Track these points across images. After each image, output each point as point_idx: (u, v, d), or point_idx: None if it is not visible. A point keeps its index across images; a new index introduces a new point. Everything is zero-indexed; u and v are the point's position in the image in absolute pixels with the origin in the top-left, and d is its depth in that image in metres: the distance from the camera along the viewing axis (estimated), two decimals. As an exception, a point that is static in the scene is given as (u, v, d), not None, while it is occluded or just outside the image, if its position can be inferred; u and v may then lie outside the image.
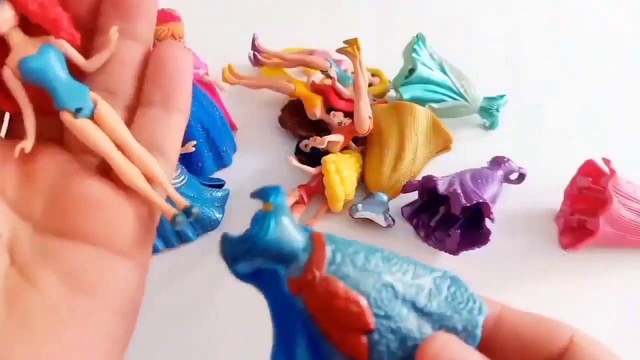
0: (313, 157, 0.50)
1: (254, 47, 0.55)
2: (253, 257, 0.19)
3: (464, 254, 0.44)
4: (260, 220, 0.19)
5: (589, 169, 0.48)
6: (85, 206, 0.21)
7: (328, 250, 0.19)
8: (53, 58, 0.20)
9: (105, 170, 0.22)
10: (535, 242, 0.48)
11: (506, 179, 0.49)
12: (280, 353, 0.20)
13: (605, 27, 0.71)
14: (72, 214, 0.20)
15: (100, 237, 0.21)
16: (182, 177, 0.44)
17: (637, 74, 0.64)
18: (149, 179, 0.22)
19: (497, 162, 0.49)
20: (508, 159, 0.49)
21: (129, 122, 0.22)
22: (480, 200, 0.42)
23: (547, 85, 0.62)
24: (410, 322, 0.19)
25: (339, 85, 0.51)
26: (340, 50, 0.48)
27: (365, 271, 0.19)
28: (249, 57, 0.55)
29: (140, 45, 0.22)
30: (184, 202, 0.22)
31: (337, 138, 0.49)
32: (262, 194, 0.19)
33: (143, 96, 0.22)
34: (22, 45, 0.19)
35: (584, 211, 0.47)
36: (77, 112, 0.20)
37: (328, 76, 0.51)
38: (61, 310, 0.19)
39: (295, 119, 0.54)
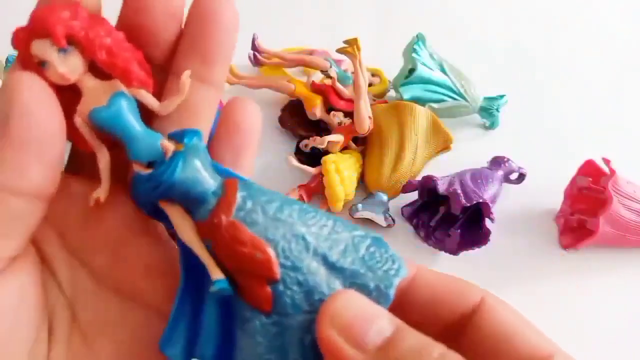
0: (313, 157, 0.50)
1: (254, 47, 0.55)
2: (160, 196, 0.18)
3: (464, 254, 0.44)
4: (169, 160, 0.18)
5: (589, 169, 0.48)
6: (145, 269, 0.20)
7: (239, 196, 0.18)
8: (125, 108, 0.19)
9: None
10: (535, 242, 0.48)
11: (506, 179, 0.49)
12: (187, 297, 0.19)
13: (605, 28, 0.71)
14: (132, 273, 0.20)
15: (152, 302, 0.20)
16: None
17: (637, 74, 0.64)
18: None
19: (497, 162, 0.49)
20: (508, 159, 0.49)
21: None
22: (480, 200, 0.42)
23: (547, 85, 0.62)
24: (319, 276, 0.18)
25: (339, 85, 0.51)
26: (340, 50, 0.48)
27: (277, 220, 0.18)
28: (249, 57, 0.55)
29: (215, 91, 0.21)
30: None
31: (337, 138, 0.49)
32: (176, 135, 0.19)
33: (212, 153, 0.21)
34: (93, 91, 0.18)
35: (584, 211, 0.47)
36: (149, 165, 0.19)
37: (328, 76, 0.51)
38: None
39: (295, 119, 0.54)
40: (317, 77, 0.53)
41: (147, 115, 0.20)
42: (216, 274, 0.18)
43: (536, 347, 0.18)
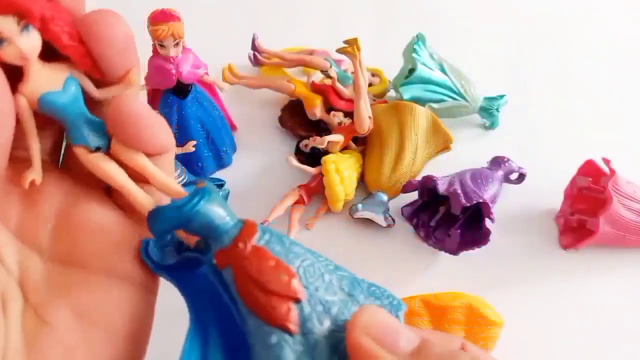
0: (313, 157, 0.50)
1: (254, 47, 0.55)
2: (181, 226, 0.19)
3: (464, 254, 0.44)
4: (192, 194, 0.19)
5: (589, 169, 0.48)
6: (91, 233, 0.20)
7: (259, 228, 0.19)
8: (77, 94, 0.19)
9: (108, 193, 0.22)
10: (535, 242, 0.48)
11: (506, 179, 0.49)
12: (196, 336, 0.19)
13: (606, 28, 0.71)
14: (78, 242, 0.20)
15: (107, 265, 0.20)
16: (182, 177, 0.44)
17: (637, 75, 0.64)
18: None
19: (497, 162, 0.49)
20: (508, 159, 0.49)
21: None
22: (480, 200, 0.42)
23: (547, 85, 0.62)
24: (340, 298, 0.19)
25: (339, 85, 0.51)
26: (340, 50, 0.48)
27: (293, 252, 0.19)
28: (249, 57, 0.55)
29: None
30: (181, 192, 0.21)
31: (337, 138, 0.49)
32: (196, 181, 0.19)
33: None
34: (42, 74, 0.18)
35: (584, 211, 0.47)
36: (96, 150, 0.19)
37: (328, 76, 0.51)
38: (77, 348, 0.19)
39: (295, 119, 0.54)
40: (317, 77, 0.53)
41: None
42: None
43: None
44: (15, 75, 0.18)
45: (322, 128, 0.53)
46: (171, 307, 0.43)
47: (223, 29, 0.65)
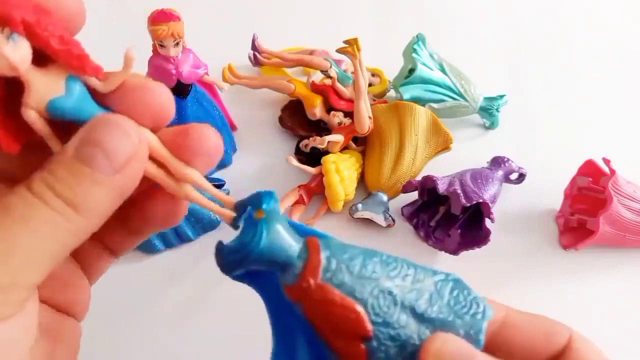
0: (313, 157, 0.50)
1: (254, 47, 0.55)
2: (247, 266, 0.19)
3: (464, 254, 0.44)
4: (252, 228, 0.18)
5: (589, 169, 0.48)
6: None
7: (323, 257, 0.19)
8: (82, 92, 0.18)
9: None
10: (535, 242, 0.48)
11: (506, 179, 0.49)
12: (282, 354, 0.19)
13: (606, 28, 0.71)
14: None
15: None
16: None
17: (637, 74, 0.64)
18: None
19: (497, 162, 0.49)
20: (508, 159, 0.49)
21: None
22: (480, 200, 0.42)
23: (547, 86, 0.62)
24: (410, 329, 0.18)
25: (339, 85, 0.51)
26: (340, 50, 0.48)
27: (362, 278, 0.18)
28: (249, 57, 0.55)
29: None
30: (231, 199, 0.21)
31: (337, 138, 0.49)
32: (254, 201, 0.19)
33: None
34: (39, 82, 0.17)
35: (584, 211, 0.47)
36: None
37: (328, 76, 0.51)
38: None
39: (295, 119, 0.54)
40: (317, 77, 0.53)
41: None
42: (230, 214, 0.19)
43: None
44: (19, 86, 0.17)
45: (322, 128, 0.53)
46: (171, 306, 0.43)
47: (223, 29, 0.65)
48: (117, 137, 0.18)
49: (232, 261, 0.19)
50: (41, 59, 0.17)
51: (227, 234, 0.20)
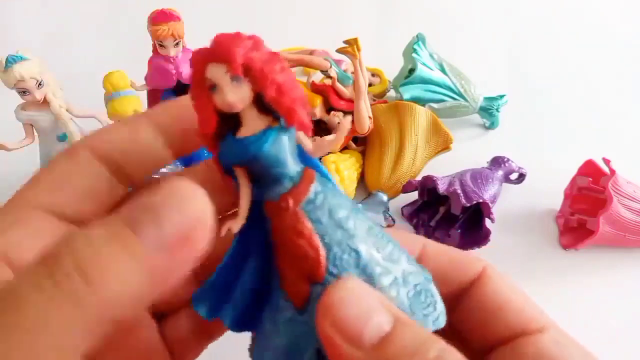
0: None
1: (254, 47, 0.55)
2: (241, 163, 0.18)
3: (464, 254, 0.44)
4: (264, 132, 0.18)
5: (589, 169, 0.48)
6: None
7: (312, 189, 0.18)
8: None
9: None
10: (535, 242, 0.48)
11: (506, 179, 0.49)
12: (229, 268, 0.19)
13: (606, 28, 0.71)
14: None
15: None
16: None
17: (637, 75, 0.64)
18: None
19: (497, 162, 0.49)
20: (508, 159, 0.49)
21: None
22: (480, 200, 0.42)
23: (547, 85, 0.62)
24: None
25: (339, 85, 0.51)
26: (340, 50, 0.48)
27: (339, 227, 0.18)
28: (249, 57, 0.55)
29: None
30: None
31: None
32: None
33: None
34: (254, 123, 0.18)
35: (584, 211, 0.47)
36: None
37: (328, 76, 0.51)
38: None
39: (295, 119, 0.54)
40: (317, 77, 0.53)
41: None
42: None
43: (529, 319, 0.19)
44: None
45: (322, 128, 0.53)
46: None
47: (223, 29, 0.65)
48: (179, 207, 0.14)
49: (230, 152, 0.18)
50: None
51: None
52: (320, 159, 0.48)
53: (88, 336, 0.14)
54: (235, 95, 0.17)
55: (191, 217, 0.14)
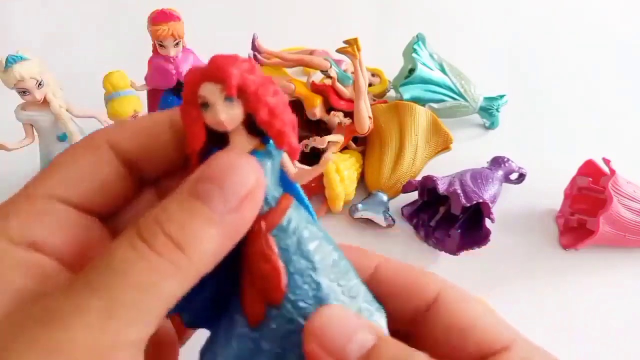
0: (313, 157, 0.50)
1: (254, 47, 0.55)
2: None
3: (464, 254, 0.44)
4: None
5: (589, 169, 0.48)
6: None
7: (286, 217, 0.19)
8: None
9: None
10: (535, 242, 0.48)
11: (506, 179, 0.49)
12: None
13: (606, 28, 0.71)
14: None
15: None
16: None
17: (637, 75, 0.64)
18: None
19: (497, 162, 0.49)
20: (508, 159, 0.49)
21: None
22: (480, 200, 0.42)
23: (547, 86, 0.62)
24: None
25: (339, 85, 0.51)
26: (340, 50, 0.48)
27: (305, 258, 0.19)
28: (249, 57, 0.55)
29: None
30: None
31: (337, 138, 0.49)
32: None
33: None
34: (241, 145, 0.19)
35: (584, 211, 0.47)
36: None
37: (328, 76, 0.51)
38: None
39: (295, 118, 0.54)
40: (317, 77, 0.53)
41: None
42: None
43: (493, 340, 0.18)
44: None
45: (322, 128, 0.53)
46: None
47: (223, 29, 0.65)
48: (235, 175, 0.17)
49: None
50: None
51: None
52: (321, 155, 0.48)
53: (180, 295, 0.16)
54: (227, 114, 0.18)
55: (247, 182, 0.17)
